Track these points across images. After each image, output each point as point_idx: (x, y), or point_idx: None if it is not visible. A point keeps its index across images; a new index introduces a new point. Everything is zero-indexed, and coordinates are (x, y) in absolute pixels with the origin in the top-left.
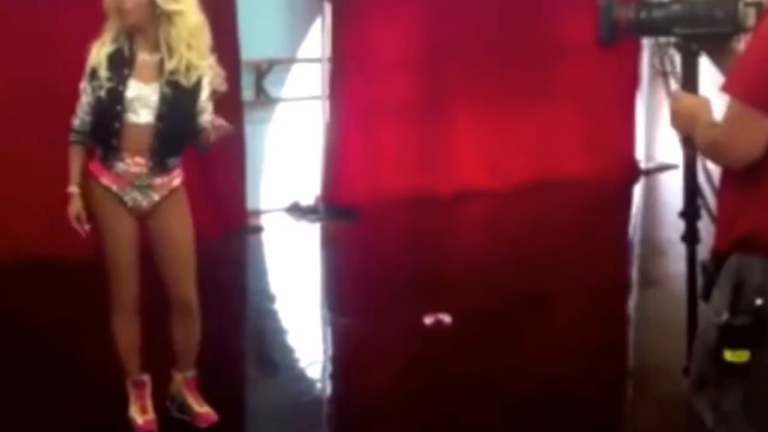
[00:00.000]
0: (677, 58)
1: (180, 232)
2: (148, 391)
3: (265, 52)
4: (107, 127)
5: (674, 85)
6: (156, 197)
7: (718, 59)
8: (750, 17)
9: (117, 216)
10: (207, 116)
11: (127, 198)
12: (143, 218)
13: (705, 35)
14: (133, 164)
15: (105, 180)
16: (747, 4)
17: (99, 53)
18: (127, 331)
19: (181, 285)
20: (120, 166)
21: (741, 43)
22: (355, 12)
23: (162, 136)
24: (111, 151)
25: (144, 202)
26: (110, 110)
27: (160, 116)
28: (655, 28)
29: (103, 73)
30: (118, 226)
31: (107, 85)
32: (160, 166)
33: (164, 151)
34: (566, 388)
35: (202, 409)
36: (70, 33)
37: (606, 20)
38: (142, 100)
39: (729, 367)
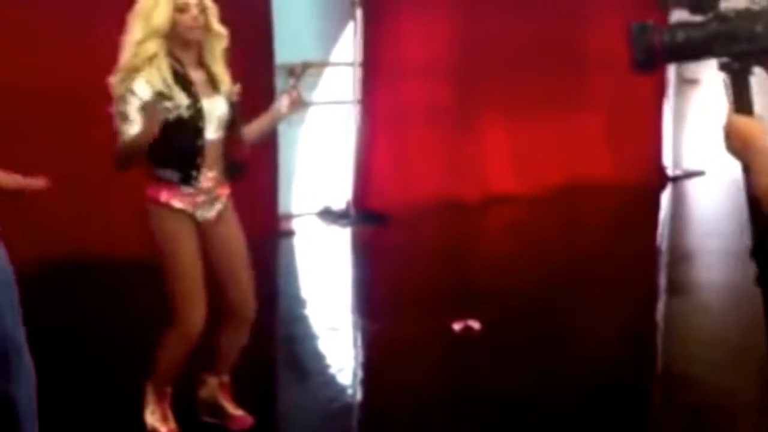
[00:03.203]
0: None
1: (238, 240)
2: (168, 400)
3: (298, 56)
4: (191, 146)
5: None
6: (220, 206)
7: None
8: None
9: (186, 240)
10: None
11: (198, 214)
12: (205, 231)
13: (748, 52)
14: (206, 179)
15: (179, 203)
16: None
17: (159, 74)
18: (179, 353)
19: (243, 292)
20: (195, 184)
21: None
22: (386, 18)
23: (227, 146)
24: (193, 171)
25: (212, 214)
26: (193, 128)
27: (227, 127)
28: (694, 50)
29: (178, 93)
30: (188, 250)
31: (185, 102)
32: (224, 175)
33: (227, 161)
34: (592, 396)
35: (237, 411)
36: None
37: (640, 44)
38: (211, 115)
39: None
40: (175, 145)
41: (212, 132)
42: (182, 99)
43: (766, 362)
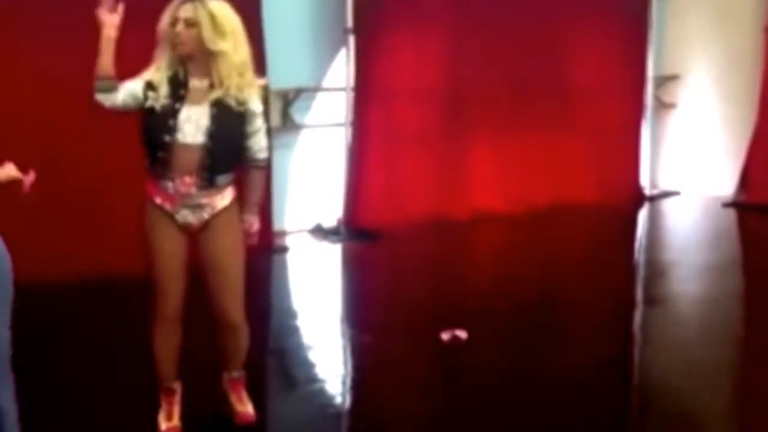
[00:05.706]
0: None
1: (228, 251)
2: (176, 399)
3: (292, 81)
4: (157, 139)
5: None
6: (205, 215)
7: None
8: None
9: (166, 232)
10: (258, 140)
11: (178, 216)
12: (194, 235)
13: None
14: (182, 184)
15: (158, 199)
16: None
17: (159, 73)
18: (165, 340)
19: (226, 303)
20: (170, 186)
21: None
22: (378, 44)
23: (211, 155)
24: (160, 167)
25: (194, 220)
26: (163, 124)
27: (210, 136)
28: None
29: (163, 90)
30: (166, 241)
31: (163, 101)
32: (208, 184)
33: (213, 170)
34: (573, 404)
35: (241, 407)
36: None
37: None
38: (193, 122)
39: None
40: (147, 134)
41: (187, 136)
42: (162, 97)
43: (738, 371)
